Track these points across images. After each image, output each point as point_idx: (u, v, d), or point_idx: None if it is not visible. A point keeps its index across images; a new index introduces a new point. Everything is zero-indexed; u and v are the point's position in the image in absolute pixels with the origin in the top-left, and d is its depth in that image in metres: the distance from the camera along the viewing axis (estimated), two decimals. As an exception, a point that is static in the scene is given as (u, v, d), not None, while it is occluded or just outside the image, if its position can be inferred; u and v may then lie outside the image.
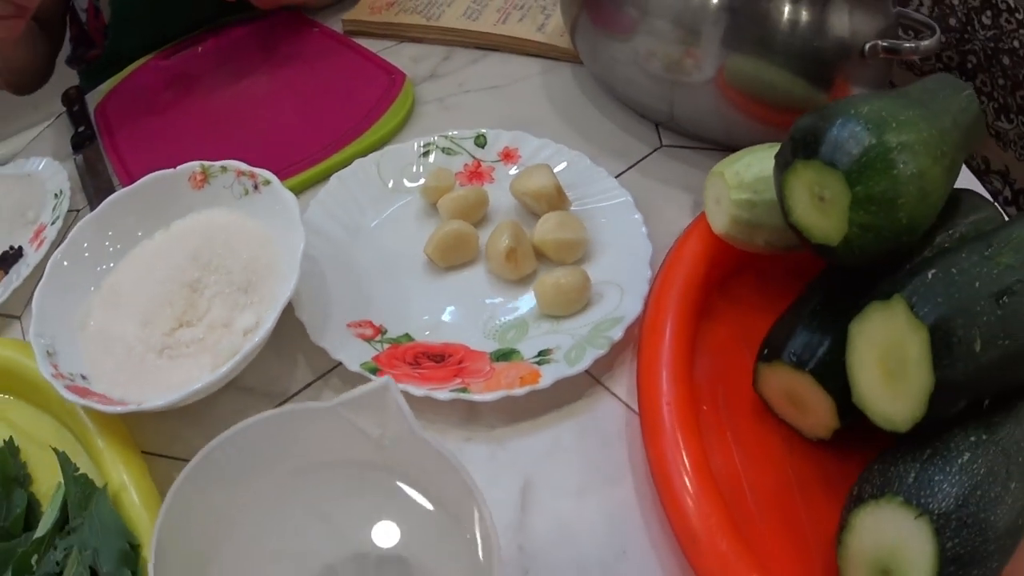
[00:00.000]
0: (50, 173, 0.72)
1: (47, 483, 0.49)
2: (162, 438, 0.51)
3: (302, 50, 0.81)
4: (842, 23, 0.57)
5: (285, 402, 0.53)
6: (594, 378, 0.52)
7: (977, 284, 0.37)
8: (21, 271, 0.63)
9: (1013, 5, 0.75)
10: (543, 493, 0.47)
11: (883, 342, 0.38)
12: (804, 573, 0.42)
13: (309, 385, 0.53)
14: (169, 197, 0.59)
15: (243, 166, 0.58)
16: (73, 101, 0.80)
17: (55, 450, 0.48)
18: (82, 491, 0.46)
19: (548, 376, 0.49)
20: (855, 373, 0.40)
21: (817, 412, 0.44)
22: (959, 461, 0.36)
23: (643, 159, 0.66)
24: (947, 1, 0.81)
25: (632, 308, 0.52)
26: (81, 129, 0.77)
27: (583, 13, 0.67)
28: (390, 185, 0.64)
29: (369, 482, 0.41)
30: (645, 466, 0.46)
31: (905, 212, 0.40)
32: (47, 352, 0.50)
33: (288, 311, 0.52)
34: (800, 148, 0.43)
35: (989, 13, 0.65)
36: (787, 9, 0.57)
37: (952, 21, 0.83)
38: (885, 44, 0.57)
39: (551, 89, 0.74)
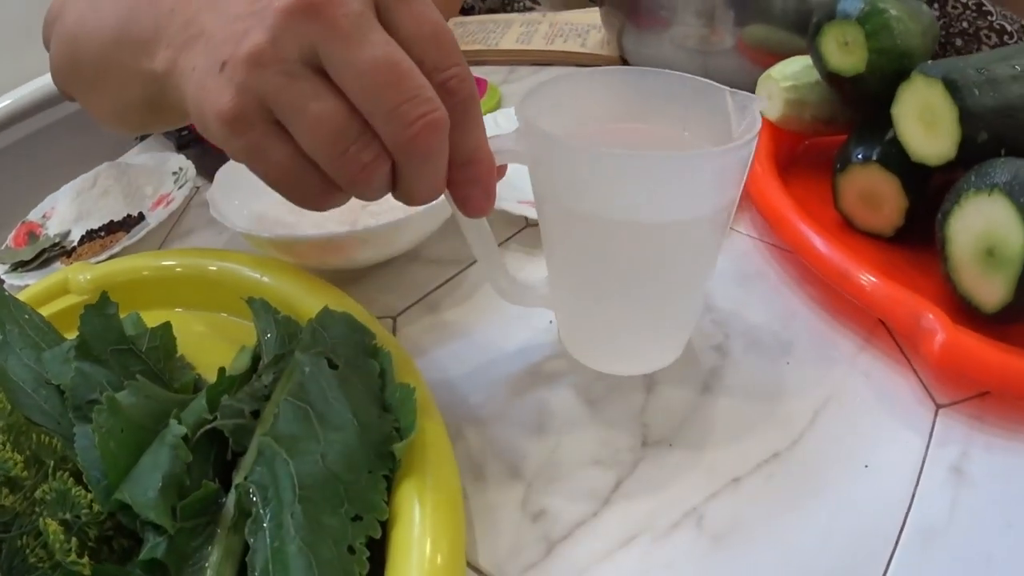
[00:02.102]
0: (164, 159, 0.75)
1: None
2: (362, 302, 0.51)
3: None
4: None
5: (468, 267, 0.61)
6: None
7: (961, 64, 0.56)
8: (142, 231, 0.64)
9: None
10: (715, 290, 0.58)
11: (919, 101, 0.57)
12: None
13: None
14: None
15: None
16: None
17: (250, 300, 0.44)
18: (286, 330, 0.43)
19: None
20: (902, 122, 0.58)
21: (889, 199, 0.61)
22: (998, 164, 0.51)
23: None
24: None
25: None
26: (184, 132, 0.80)
27: (627, 22, 0.89)
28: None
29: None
30: (780, 266, 0.61)
31: (900, 39, 0.60)
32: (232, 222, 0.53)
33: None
34: (824, 17, 0.63)
35: (936, 5, 0.85)
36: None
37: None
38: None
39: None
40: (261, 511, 0.34)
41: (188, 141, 0.80)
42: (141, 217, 0.70)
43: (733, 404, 0.49)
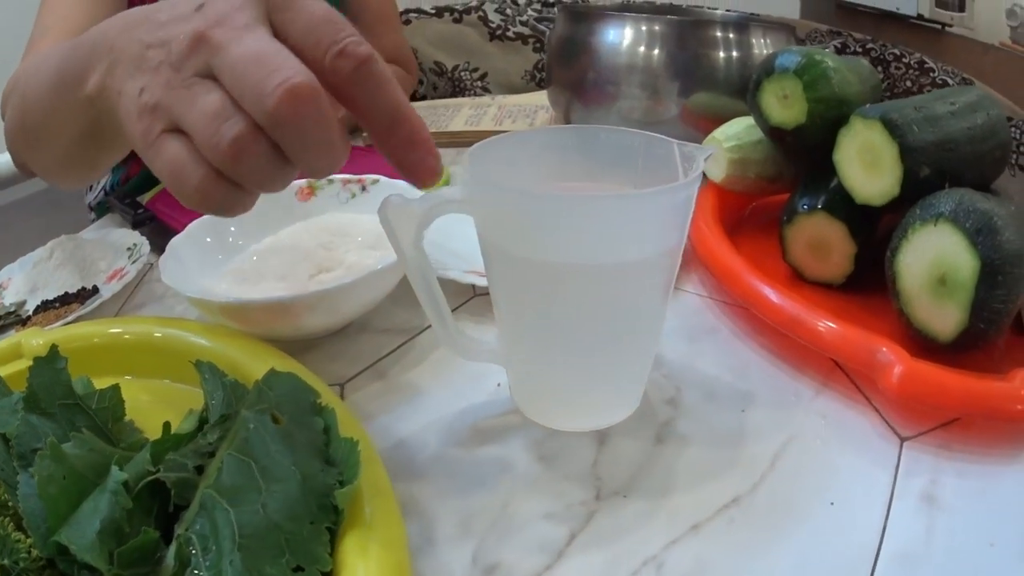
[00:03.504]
0: (120, 235, 0.76)
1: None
2: (309, 370, 0.50)
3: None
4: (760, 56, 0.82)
5: (417, 336, 0.60)
6: None
7: (899, 104, 0.57)
8: (96, 301, 0.64)
9: (899, 53, 1.01)
10: (665, 347, 0.57)
11: (859, 143, 0.57)
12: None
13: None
14: (278, 208, 0.66)
15: (349, 176, 0.69)
16: (123, 197, 0.86)
17: (198, 363, 0.44)
18: (233, 394, 0.43)
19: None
20: (844, 166, 0.59)
21: (837, 246, 0.61)
22: (941, 195, 0.52)
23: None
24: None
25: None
26: (140, 211, 0.82)
27: (574, 101, 0.91)
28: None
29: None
30: (732, 321, 0.60)
31: (838, 88, 0.61)
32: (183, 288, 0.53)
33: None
34: (763, 73, 0.65)
35: (880, 68, 0.89)
36: (722, 55, 0.82)
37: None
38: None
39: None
40: (200, 559, 0.33)
41: (143, 219, 0.81)
42: (95, 290, 0.70)
43: (690, 452, 0.47)
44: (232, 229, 0.66)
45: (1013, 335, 0.54)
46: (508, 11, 1.57)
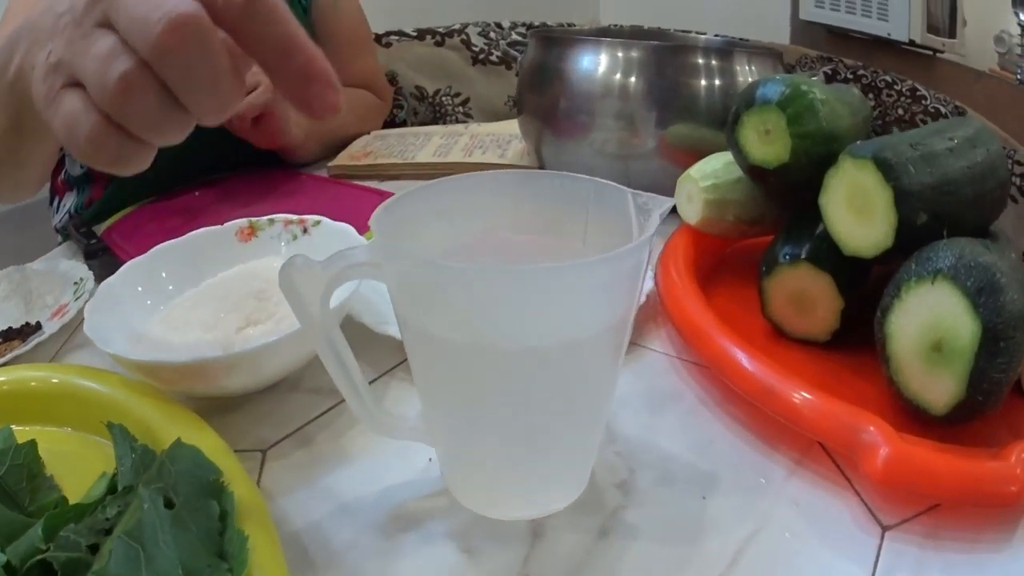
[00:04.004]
0: (69, 268, 0.74)
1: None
2: (232, 434, 0.49)
3: (298, 188, 0.93)
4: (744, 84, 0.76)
5: None
6: (630, 342, 0.59)
7: (894, 140, 0.51)
8: (35, 340, 0.62)
9: (891, 80, 0.96)
10: (620, 415, 0.51)
11: (849, 186, 0.51)
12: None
13: (373, 381, 0.56)
14: (217, 250, 0.63)
15: (291, 216, 0.65)
16: (79, 225, 0.84)
17: (110, 424, 0.43)
18: (141, 459, 0.41)
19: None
20: (831, 212, 0.52)
21: (822, 300, 0.54)
22: (940, 247, 0.46)
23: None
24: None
25: (645, 284, 0.61)
26: (93, 241, 0.80)
27: (545, 129, 0.85)
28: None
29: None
30: (699, 385, 0.54)
31: (825, 121, 0.55)
32: (103, 341, 0.50)
33: (347, 320, 0.57)
34: (743, 105, 0.58)
35: (871, 96, 0.83)
36: (703, 83, 0.76)
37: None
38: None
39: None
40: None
41: (95, 250, 0.78)
42: (39, 326, 0.67)
43: (638, 548, 0.41)
44: (163, 275, 0.61)
45: (1011, 397, 0.47)
46: (492, 34, 1.52)
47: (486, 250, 0.43)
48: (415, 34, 1.48)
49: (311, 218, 0.65)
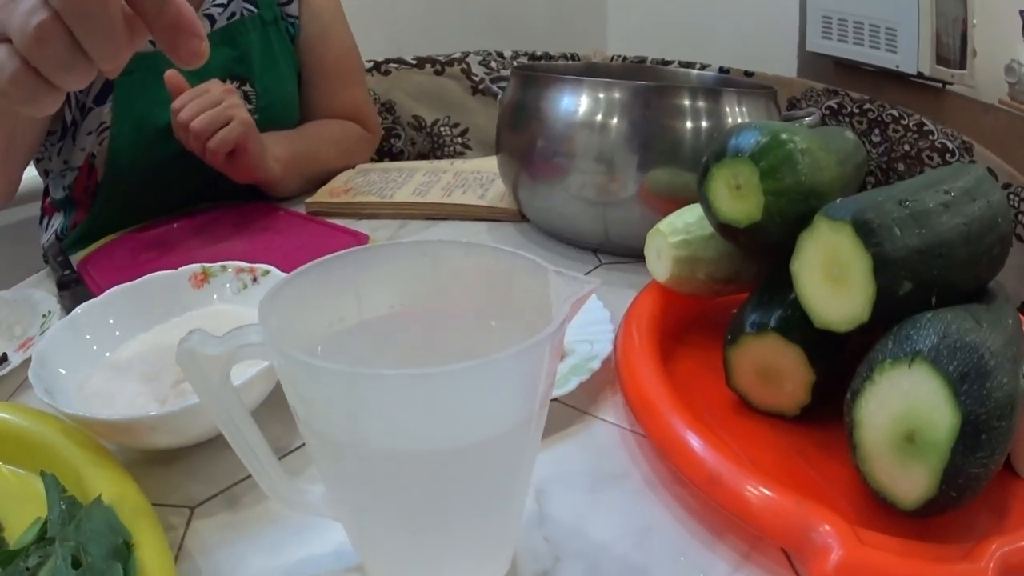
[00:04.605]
0: (40, 298, 0.75)
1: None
2: (164, 488, 0.50)
3: (272, 225, 0.90)
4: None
5: (286, 456, 0.53)
6: (581, 410, 0.56)
7: (880, 197, 0.47)
8: (3, 371, 0.64)
9: (898, 115, 0.92)
10: (557, 494, 0.48)
11: (823, 252, 0.46)
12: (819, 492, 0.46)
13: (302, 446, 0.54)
14: (169, 295, 0.62)
15: (243, 264, 0.63)
16: (57, 254, 0.84)
17: (43, 473, 0.46)
18: (68, 511, 0.43)
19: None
20: (803, 281, 0.48)
21: (792, 374, 0.50)
22: (922, 322, 0.42)
23: (586, 274, 0.76)
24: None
25: (604, 348, 0.58)
26: (67, 272, 0.80)
27: (522, 171, 0.81)
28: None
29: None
30: (647, 463, 0.50)
31: (805, 175, 0.50)
32: (44, 390, 0.50)
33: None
34: (713, 157, 0.54)
35: (878, 131, 0.79)
36: (688, 126, 0.72)
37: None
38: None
39: (498, 242, 0.84)
40: None
41: (68, 281, 0.78)
42: (4, 357, 0.67)
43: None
44: (111, 322, 0.60)
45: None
46: (493, 64, 1.49)
47: (395, 328, 0.40)
48: (415, 62, 1.46)
49: (260, 267, 0.63)
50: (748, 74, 1.30)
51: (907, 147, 0.97)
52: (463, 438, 0.31)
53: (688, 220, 0.60)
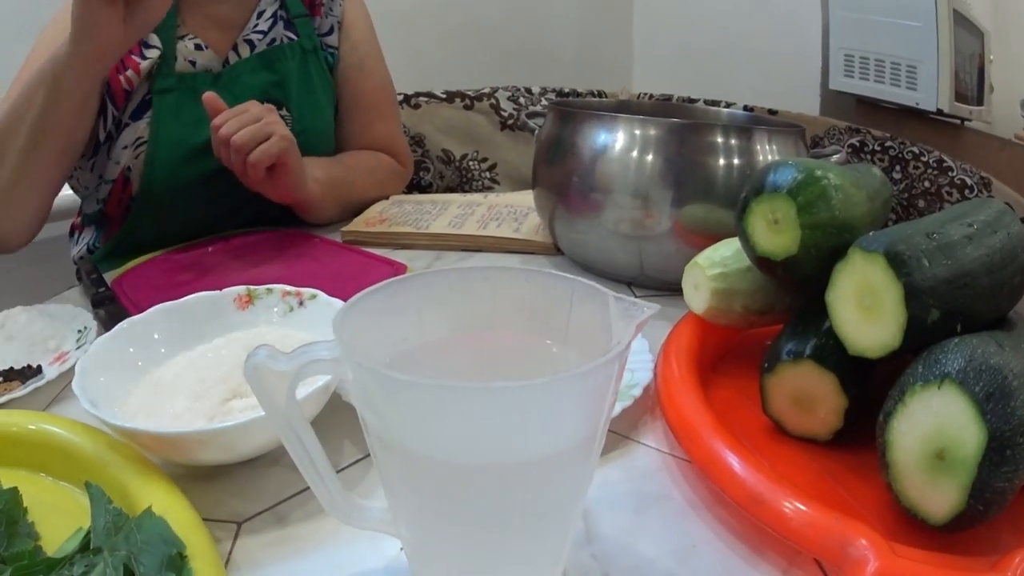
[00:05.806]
0: (74, 315, 0.76)
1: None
2: (208, 503, 0.51)
3: (309, 251, 0.92)
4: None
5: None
6: (622, 435, 0.58)
7: (909, 231, 0.49)
8: (32, 385, 0.64)
9: (918, 151, 0.94)
10: (602, 513, 0.49)
11: (857, 282, 0.49)
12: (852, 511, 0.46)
13: (357, 462, 0.55)
14: (213, 315, 0.63)
15: (289, 287, 0.65)
16: (90, 271, 0.85)
17: (88, 484, 0.45)
18: (114, 521, 0.43)
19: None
20: (837, 309, 0.50)
21: (825, 400, 0.52)
22: (950, 347, 0.44)
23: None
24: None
25: (644, 377, 0.60)
26: (102, 290, 0.80)
27: (558, 206, 0.84)
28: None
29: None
30: (688, 485, 0.52)
31: (839, 210, 0.53)
32: (90, 402, 0.50)
33: (335, 398, 0.56)
34: (752, 192, 0.57)
35: (899, 167, 0.81)
36: (721, 163, 0.75)
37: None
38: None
39: (532, 275, 0.88)
40: None
41: (102, 299, 0.79)
42: (39, 369, 0.68)
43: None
44: (156, 337, 0.61)
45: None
46: (521, 100, 1.53)
47: (457, 349, 0.42)
48: (444, 96, 1.50)
49: (307, 291, 0.65)
50: (772, 112, 1.33)
51: (927, 183, 0.99)
52: (533, 452, 0.33)
53: (725, 254, 0.62)
